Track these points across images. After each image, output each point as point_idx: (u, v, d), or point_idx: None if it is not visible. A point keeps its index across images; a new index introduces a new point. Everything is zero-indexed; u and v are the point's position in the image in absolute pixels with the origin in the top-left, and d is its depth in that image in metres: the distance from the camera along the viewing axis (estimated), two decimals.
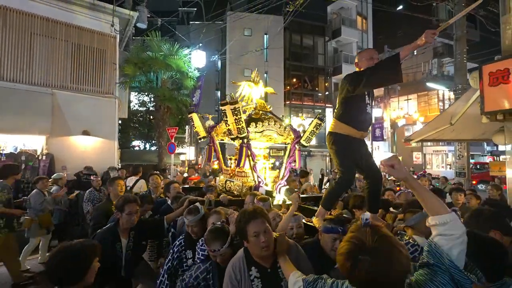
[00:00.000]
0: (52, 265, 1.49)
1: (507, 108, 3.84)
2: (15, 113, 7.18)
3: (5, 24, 7.24)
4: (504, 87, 3.81)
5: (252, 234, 1.62)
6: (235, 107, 3.57)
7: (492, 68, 3.95)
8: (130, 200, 2.42)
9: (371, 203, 2.63)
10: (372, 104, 2.63)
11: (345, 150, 2.56)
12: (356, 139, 2.57)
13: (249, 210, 1.78)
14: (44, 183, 4.83)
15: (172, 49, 9.46)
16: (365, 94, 2.53)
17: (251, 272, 1.65)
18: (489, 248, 1.39)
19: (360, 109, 2.51)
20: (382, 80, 2.40)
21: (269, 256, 1.66)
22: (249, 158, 3.96)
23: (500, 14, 4.26)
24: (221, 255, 1.84)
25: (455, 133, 6.19)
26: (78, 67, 8.27)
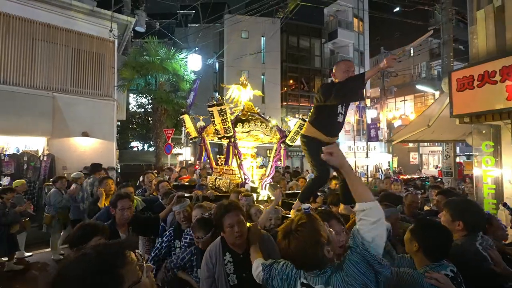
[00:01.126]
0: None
1: (473, 111, 4.16)
2: (17, 115, 7.50)
3: (8, 30, 7.58)
4: (470, 93, 4.13)
5: (227, 225, 1.85)
6: (221, 109, 3.84)
7: (460, 75, 4.28)
8: (122, 196, 2.66)
9: (344, 196, 2.89)
10: (345, 113, 2.81)
11: (316, 151, 2.86)
12: (325, 143, 2.84)
13: (224, 204, 2.01)
14: (62, 183, 5.19)
15: (168, 53, 9.78)
16: (338, 104, 2.72)
17: (225, 257, 1.89)
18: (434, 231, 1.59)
19: (330, 117, 2.72)
20: (346, 97, 2.62)
21: (242, 244, 1.89)
22: (236, 156, 4.27)
23: (468, 25, 4.58)
24: (203, 242, 2.13)
25: (436, 134, 6.52)
26: (78, 71, 8.60)
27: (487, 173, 4.23)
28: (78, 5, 8.49)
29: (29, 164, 7.57)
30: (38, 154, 7.97)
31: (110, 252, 0.81)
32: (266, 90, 21.04)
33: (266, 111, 20.40)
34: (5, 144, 7.73)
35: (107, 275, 0.77)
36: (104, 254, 0.80)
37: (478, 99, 4.04)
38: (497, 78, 3.79)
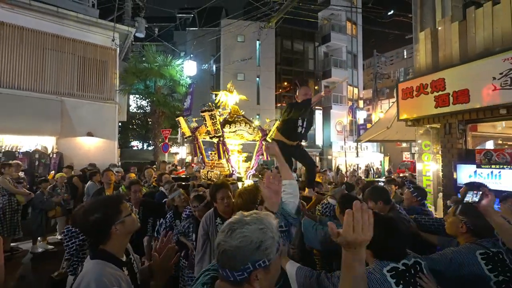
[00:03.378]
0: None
1: (413, 116, 5.04)
2: (29, 117, 8.35)
3: (22, 41, 8.45)
4: (411, 101, 5.02)
5: (219, 198, 2.49)
6: (212, 113, 4.73)
7: (404, 86, 5.16)
8: (134, 182, 3.63)
9: (308, 181, 3.81)
10: (306, 126, 3.69)
11: (282, 150, 3.79)
12: (287, 144, 3.70)
13: (218, 183, 2.74)
14: (97, 177, 5.76)
15: (165, 60, 10.65)
16: (299, 118, 3.61)
17: (217, 220, 2.51)
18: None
19: (292, 127, 3.62)
20: (299, 115, 3.54)
21: (229, 212, 2.44)
22: (225, 152, 5.15)
23: (413, 43, 5.45)
24: (199, 210, 2.94)
25: (399, 134, 7.39)
26: (83, 77, 9.46)
27: (425, 167, 5.11)
28: (84, 17, 9.34)
29: (40, 161, 8.43)
30: (48, 152, 8.85)
31: (114, 198, 1.59)
32: (261, 92, 21.88)
33: (261, 112, 21.30)
34: (18, 143, 8.61)
35: (112, 208, 1.38)
36: (110, 199, 1.59)
37: (417, 106, 4.92)
38: (428, 89, 4.67)
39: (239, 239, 0.85)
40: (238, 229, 0.87)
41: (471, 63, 4.10)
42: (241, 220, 0.90)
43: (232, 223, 0.90)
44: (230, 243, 0.85)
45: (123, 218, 1.37)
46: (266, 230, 0.88)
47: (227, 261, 0.86)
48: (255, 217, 0.91)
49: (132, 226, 1.43)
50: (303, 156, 3.93)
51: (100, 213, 1.33)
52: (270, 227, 0.90)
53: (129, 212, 1.43)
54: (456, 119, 4.45)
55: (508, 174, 3.60)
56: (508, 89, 3.60)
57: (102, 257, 1.30)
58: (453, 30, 4.64)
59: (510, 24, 3.88)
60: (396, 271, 1.34)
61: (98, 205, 1.40)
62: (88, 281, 1.18)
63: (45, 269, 4.19)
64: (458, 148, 4.49)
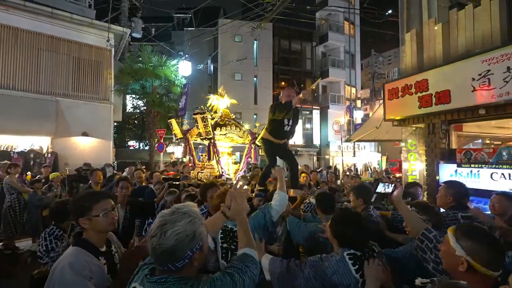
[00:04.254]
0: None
1: (399, 117, 5.11)
2: (25, 117, 8.46)
3: (17, 42, 8.54)
4: (397, 101, 5.08)
5: (209, 196, 2.65)
6: (204, 116, 4.90)
7: (390, 86, 5.22)
8: (123, 178, 3.63)
9: (292, 180, 3.93)
10: (292, 124, 3.89)
11: (269, 148, 3.98)
12: (275, 143, 3.90)
13: (208, 183, 2.95)
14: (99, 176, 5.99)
15: (160, 60, 10.73)
16: (284, 118, 3.76)
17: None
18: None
19: (278, 126, 3.81)
20: (283, 116, 3.69)
21: (217, 208, 2.82)
22: (215, 154, 5.25)
23: (400, 45, 5.52)
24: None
25: (389, 134, 7.45)
26: (78, 77, 9.56)
27: (411, 166, 5.19)
28: (79, 18, 9.43)
29: (35, 160, 8.53)
30: (43, 152, 8.94)
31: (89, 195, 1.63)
32: (259, 91, 21.96)
33: (259, 112, 21.39)
34: (14, 143, 8.70)
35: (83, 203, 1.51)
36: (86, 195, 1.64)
37: (402, 106, 4.98)
38: (412, 90, 4.73)
39: (175, 237, 0.94)
40: (170, 229, 0.95)
41: (452, 64, 4.17)
42: (169, 219, 0.98)
43: (161, 225, 0.97)
44: (167, 244, 0.94)
45: (91, 216, 1.48)
46: (195, 219, 0.99)
47: (168, 258, 0.95)
48: (181, 212, 1.00)
49: (102, 226, 1.51)
50: (287, 156, 4.09)
51: (77, 202, 1.53)
52: (196, 215, 1.01)
53: (102, 213, 1.51)
54: (439, 119, 4.52)
55: (485, 173, 3.67)
56: (486, 90, 3.67)
57: (81, 245, 1.45)
58: (437, 31, 4.71)
59: (490, 26, 3.95)
60: (355, 256, 1.56)
61: (77, 197, 1.62)
62: (63, 265, 1.33)
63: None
64: (441, 147, 4.56)
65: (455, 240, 1.20)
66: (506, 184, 3.48)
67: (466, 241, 1.17)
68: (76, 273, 1.31)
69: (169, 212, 1.01)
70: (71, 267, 1.32)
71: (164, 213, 1.02)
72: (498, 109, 3.71)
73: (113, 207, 1.60)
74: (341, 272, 1.50)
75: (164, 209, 3.57)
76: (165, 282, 0.95)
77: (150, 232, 0.98)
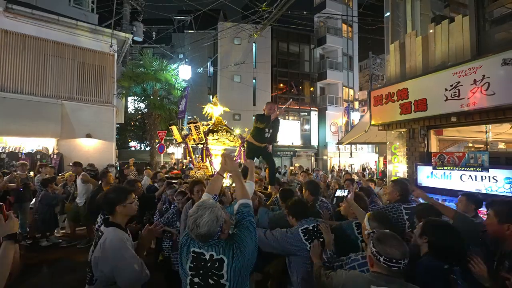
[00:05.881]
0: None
1: (383, 122, 5.50)
2: (31, 120, 8.86)
3: (24, 48, 8.93)
4: (381, 107, 5.47)
5: (195, 191, 3.15)
6: (196, 125, 5.47)
7: (376, 93, 5.61)
8: (137, 180, 4.47)
9: (270, 178, 4.47)
10: (273, 132, 4.45)
11: (251, 149, 4.52)
12: (256, 146, 4.41)
13: (195, 180, 3.46)
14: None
15: (161, 64, 11.12)
16: (265, 127, 4.33)
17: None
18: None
19: (260, 133, 4.38)
20: (265, 126, 4.25)
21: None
22: (208, 157, 5.73)
23: (385, 54, 5.91)
24: (182, 203, 3.49)
25: (379, 137, 7.82)
26: (83, 81, 9.95)
27: (395, 168, 5.57)
28: (83, 25, 9.82)
29: (42, 161, 8.90)
30: (49, 153, 9.33)
31: (125, 188, 2.20)
32: (257, 93, 22.31)
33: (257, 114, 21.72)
34: (21, 144, 9.09)
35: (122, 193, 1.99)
36: (122, 188, 2.17)
37: (386, 112, 5.37)
38: (395, 98, 5.12)
39: (206, 225, 1.47)
40: (200, 221, 1.49)
41: (429, 75, 4.55)
42: (198, 215, 1.51)
43: (194, 221, 1.50)
44: (203, 231, 1.47)
45: (126, 203, 1.98)
46: (213, 208, 1.53)
47: (207, 238, 1.51)
48: (202, 207, 1.53)
49: (131, 211, 2.03)
50: (267, 157, 4.66)
51: (114, 194, 2.00)
52: (213, 205, 1.55)
53: (132, 201, 2.03)
54: (418, 125, 4.90)
55: (456, 174, 4.05)
56: (456, 100, 4.05)
57: (113, 225, 1.91)
58: (417, 43, 5.09)
59: (462, 41, 4.33)
60: (307, 230, 2.25)
61: (115, 189, 2.11)
62: (111, 239, 1.79)
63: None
64: (420, 151, 4.95)
65: (367, 220, 1.92)
66: (473, 184, 3.87)
67: (373, 222, 1.89)
68: (123, 241, 1.79)
69: (195, 210, 1.52)
70: (118, 239, 1.79)
71: (193, 211, 1.52)
72: (467, 117, 4.10)
73: (134, 199, 2.11)
74: (295, 240, 2.22)
75: (167, 200, 4.06)
76: (218, 243, 1.52)
77: (188, 227, 1.51)
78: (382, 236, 1.47)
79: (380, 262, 1.39)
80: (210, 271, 1.51)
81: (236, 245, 1.53)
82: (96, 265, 1.77)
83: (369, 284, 1.40)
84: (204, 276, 1.51)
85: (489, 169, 3.66)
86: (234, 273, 1.49)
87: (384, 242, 1.42)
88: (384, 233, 1.50)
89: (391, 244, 1.40)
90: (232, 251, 1.51)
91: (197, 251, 1.54)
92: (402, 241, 1.45)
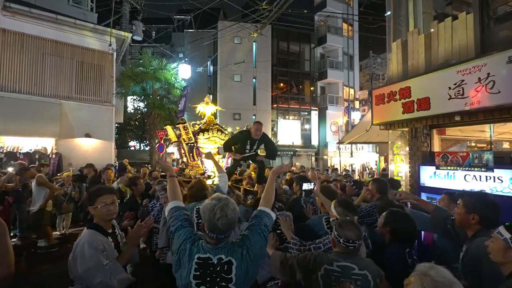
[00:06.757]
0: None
1: (385, 121, 5.43)
2: (30, 119, 8.78)
3: (22, 47, 8.86)
4: (383, 106, 5.40)
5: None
6: (185, 126, 5.52)
7: (377, 92, 5.54)
8: (138, 177, 4.54)
9: (259, 179, 4.53)
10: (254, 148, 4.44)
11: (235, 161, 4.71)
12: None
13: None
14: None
15: (160, 64, 11.05)
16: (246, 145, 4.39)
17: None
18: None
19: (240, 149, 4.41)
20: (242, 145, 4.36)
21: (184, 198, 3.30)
22: (198, 155, 5.79)
23: (387, 53, 5.83)
24: (164, 197, 3.47)
25: (380, 137, 7.76)
26: (82, 81, 9.87)
27: (397, 168, 5.50)
28: (82, 23, 9.74)
29: (40, 161, 8.83)
30: (48, 152, 9.26)
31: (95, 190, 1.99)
32: (257, 93, 22.24)
33: (257, 113, 21.70)
34: (19, 144, 9.02)
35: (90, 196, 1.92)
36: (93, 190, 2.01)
37: (388, 112, 5.30)
38: (397, 96, 5.05)
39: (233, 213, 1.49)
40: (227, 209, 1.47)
41: (432, 74, 4.48)
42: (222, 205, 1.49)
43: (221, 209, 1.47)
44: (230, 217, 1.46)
45: (96, 206, 1.88)
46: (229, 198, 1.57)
47: (230, 227, 1.49)
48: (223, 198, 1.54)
49: (104, 215, 1.89)
50: (255, 161, 4.71)
51: (87, 195, 2.01)
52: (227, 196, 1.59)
53: (105, 204, 1.88)
54: (421, 124, 4.83)
55: (460, 174, 3.98)
56: (460, 99, 3.98)
57: (93, 228, 1.85)
58: (420, 41, 5.02)
59: (466, 39, 4.26)
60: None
61: (90, 190, 2.04)
62: (83, 242, 1.73)
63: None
64: (423, 150, 4.88)
65: (333, 207, 2.22)
66: (478, 185, 3.79)
67: (337, 208, 2.20)
68: (92, 248, 1.70)
69: (216, 200, 1.50)
70: (89, 244, 1.71)
71: (215, 201, 1.49)
72: (471, 116, 4.03)
73: (114, 201, 1.92)
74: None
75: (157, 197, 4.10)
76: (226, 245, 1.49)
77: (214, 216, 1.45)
78: (342, 222, 1.81)
79: (340, 243, 1.72)
80: (219, 276, 1.43)
81: (245, 248, 1.50)
82: (70, 267, 1.75)
83: (332, 262, 1.72)
84: (212, 282, 1.43)
85: (494, 169, 3.58)
86: (242, 277, 1.44)
87: (343, 227, 1.75)
88: (345, 220, 1.85)
89: (349, 228, 1.73)
90: (242, 253, 1.48)
91: (203, 257, 1.45)
92: (358, 225, 1.79)
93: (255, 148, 4.40)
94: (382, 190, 3.14)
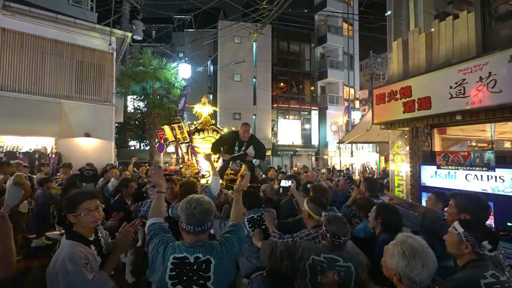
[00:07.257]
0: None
1: (386, 120, 5.40)
2: (30, 119, 8.76)
3: (22, 46, 8.84)
4: (384, 106, 5.37)
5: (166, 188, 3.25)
6: (180, 125, 5.59)
7: (378, 92, 5.51)
8: (130, 179, 4.39)
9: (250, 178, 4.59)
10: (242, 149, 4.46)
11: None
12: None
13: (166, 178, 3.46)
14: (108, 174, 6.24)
15: (160, 63, 11.03)
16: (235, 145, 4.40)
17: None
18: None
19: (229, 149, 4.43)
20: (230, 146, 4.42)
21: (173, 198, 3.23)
22: (192, 154, 5.80)
23: (387, 52, 5.81)
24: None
25: (381, 136, 7.74)
26: (81, 80, 9.85)
27: (397, 168, 5.48)
28: (82, 23, 9.72)
29: (40, 160, 8.82)
30: (47, 152, 9.24)
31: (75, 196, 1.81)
32: (258, 92, 22.21)
33: (257, 113, 21.69)
34: (19, 143, 9.01)
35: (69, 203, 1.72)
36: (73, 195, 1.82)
37: (388, 111, 5.27)
38: (398, 96, 5.02)
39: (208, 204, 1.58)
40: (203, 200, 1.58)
41: (433, 73, 4.46)
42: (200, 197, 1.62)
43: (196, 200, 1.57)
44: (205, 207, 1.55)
45: (77, 214, 1.70)
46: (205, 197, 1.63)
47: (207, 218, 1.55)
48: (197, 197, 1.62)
49: (88, 223, 1.72)
50: (245, 162, 4.78)
51: (65, 201, 1.79)
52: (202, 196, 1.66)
53: (88, 212, 1.72)
54: (422, 123, 4.81)
55: (461, 174, 3.96)
56: (461, 98, 3.96)
57: (73, 238, 1.67)
58: (420, 40, 4.99)
59: (467, 38, 4.24)
60: (252, 219, 2.59)
61: (68, 196, 1.87)
62: (63, 257, 1.55)
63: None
64: (423, 150, 4.86)
65: (306, 203, 2.36)
66: (479, 184, 3.77)
67: (309, 204, 2.34)
68: (75, 263, 1.53)
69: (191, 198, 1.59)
70: (70, 259, 1.53)
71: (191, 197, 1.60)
72: (472, 115, 4.01)
73: (97, 206, 1.77)
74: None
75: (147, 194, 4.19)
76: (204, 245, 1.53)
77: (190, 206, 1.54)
78: (331, 218, 1.90)
79: (328, 238, 1.84)
80: (196, 275, 1.46)
81: (224, 246, 1.58)
82: (49, 282, 1.58)
83: (320, 252, 1.83)
84: (188, 281, 1.45)
85: (496, 169, 3.56)
86: (220, 274, 1.49)
87: (332, 223, 1.86)
88: (334, 216, 1.94)
89: (336, 225, 1.84)
90: (222, 252, 1.54)
91: (179, 256, 1.48)
92: (346, 222, 1.89)
93: (243, 149, 4.40)
94: (372, 188, 3.28)
